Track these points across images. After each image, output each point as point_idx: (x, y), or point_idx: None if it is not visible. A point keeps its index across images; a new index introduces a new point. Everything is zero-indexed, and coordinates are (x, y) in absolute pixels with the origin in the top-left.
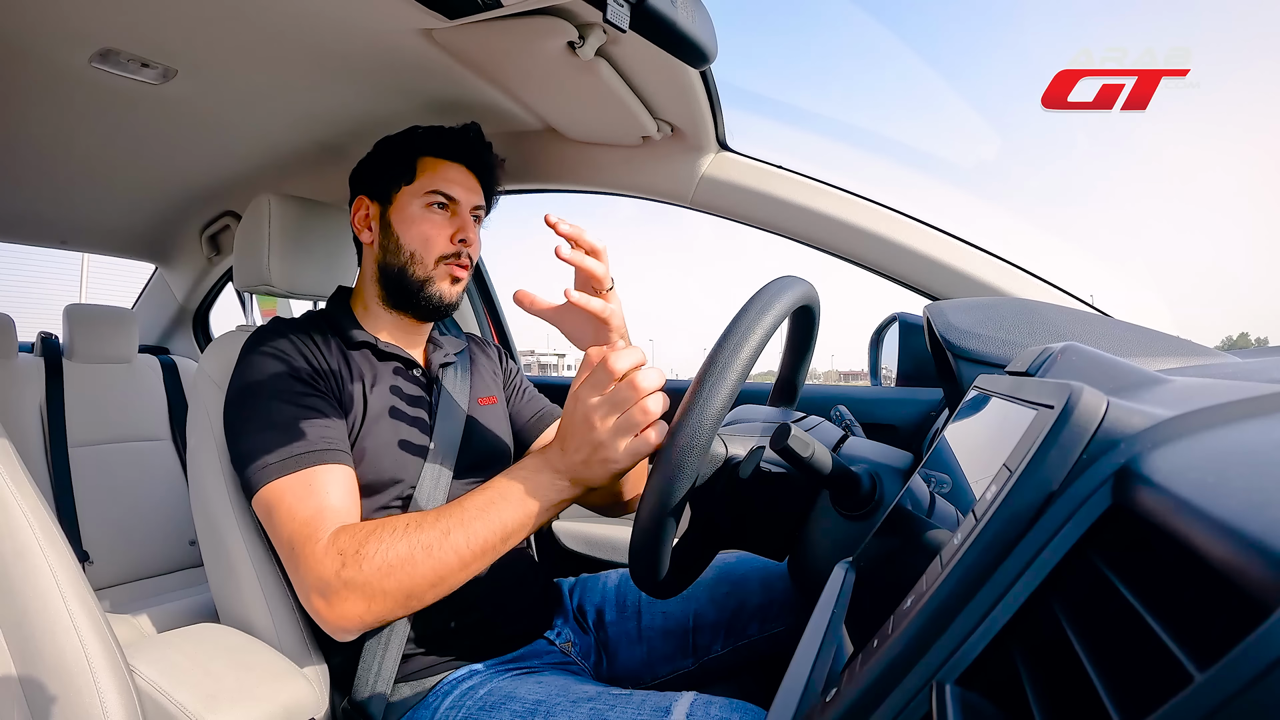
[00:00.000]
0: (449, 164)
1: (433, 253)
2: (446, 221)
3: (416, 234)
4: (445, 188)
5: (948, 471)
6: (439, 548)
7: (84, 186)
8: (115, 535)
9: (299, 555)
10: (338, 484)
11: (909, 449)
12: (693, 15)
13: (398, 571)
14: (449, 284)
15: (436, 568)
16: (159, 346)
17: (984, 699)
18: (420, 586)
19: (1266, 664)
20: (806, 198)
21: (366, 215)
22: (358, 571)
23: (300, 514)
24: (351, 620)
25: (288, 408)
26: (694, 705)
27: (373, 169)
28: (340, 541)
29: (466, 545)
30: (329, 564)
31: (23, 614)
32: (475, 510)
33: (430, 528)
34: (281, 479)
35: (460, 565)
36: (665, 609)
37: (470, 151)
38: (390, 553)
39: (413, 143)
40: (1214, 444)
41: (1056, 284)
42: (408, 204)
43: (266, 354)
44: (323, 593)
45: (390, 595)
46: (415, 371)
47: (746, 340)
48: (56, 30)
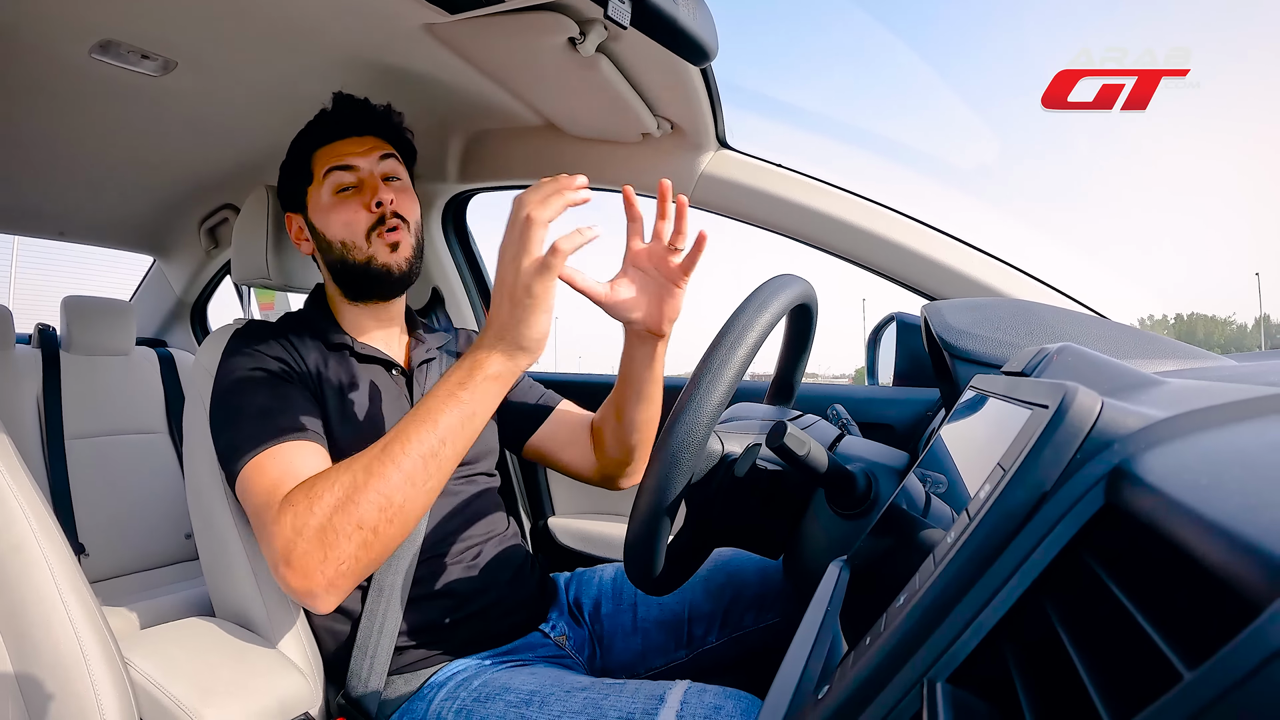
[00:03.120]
0: (339, 143)
1: (358, 232)
2: (357, 196)
3: (336, 222)
4: (340, 163)
5: (943, 471)
6: (378, 465)
7: (83, 178)
8: (111, 528)
9: (262, 523)
10: (305, 457)
11: (905, 448)
12: (694, 12)
13: (345, 504)
14: (388, 252)
15: (380, 487)
16: (157, 339)
17: (975, 697)
18: (368, 512)
19: (1255, 663)
20: (806, 196)
21: (300, 229)
22: (310, 517)
23: (264, 484)
24: (315, 577)
25: (262, 399)
26: (688, 693)
27: (284, 184)
28: (291, 497)
29: (404, 453)
30: (284, 521)
31: (18, 607)
32: (409, 419)
33: (368, 450)
34: (254, 457)
35: (404, 479)
36: (661, 601)
37: (349, 118)
38: (335, 487)
39: (302, 145)
40: (1208, 446)
41: (1053, 285)
42: (319, 200)
43: (244, 354)
44: (286, 556)
45: (341, 532)
46: (394, 371)
47: (743, 338)
48: (57, 21)
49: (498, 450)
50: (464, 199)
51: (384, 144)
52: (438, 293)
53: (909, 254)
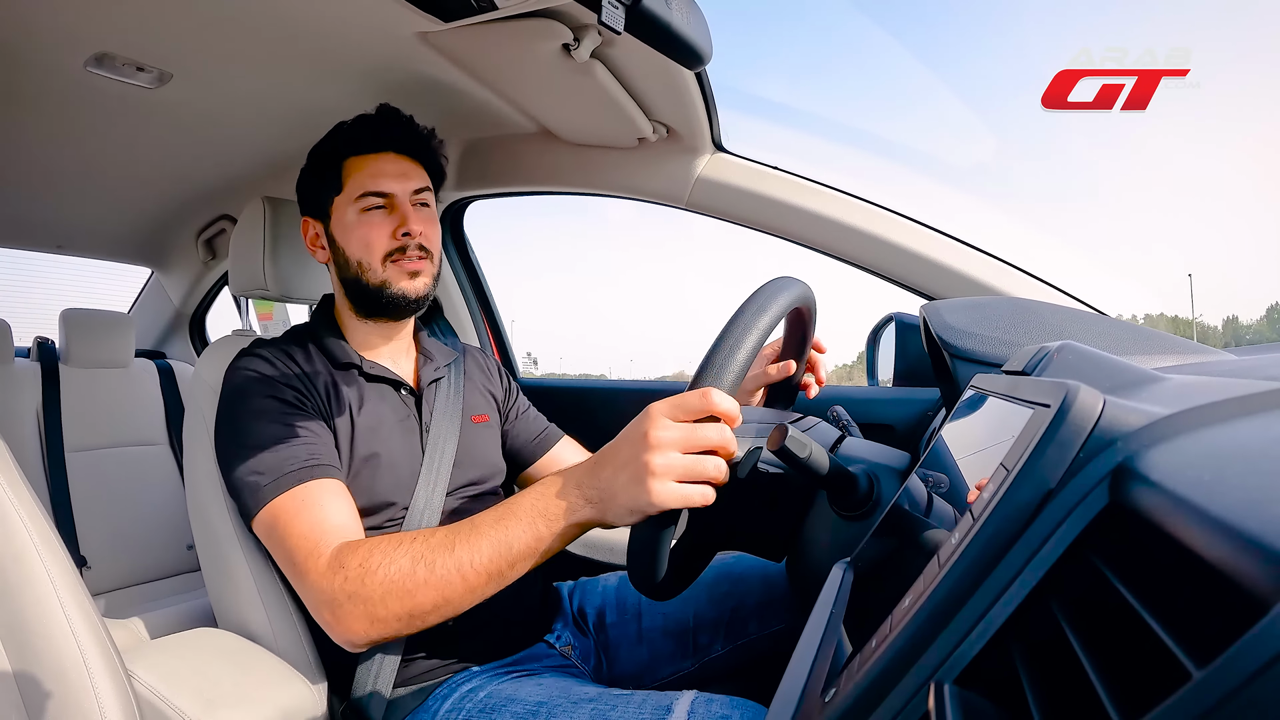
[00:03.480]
0: (374, 157)
1: (376, 255)
2: (385, 219)
3: (357, 241)
4: (374, 185)
5: (945, 471)
6: (442, 564)
7: (80, 191)
8: (113, 540)
9: (303, 572)
10: (333, 498)
11: (906, 449)
12: (687, 17)
13: (399, 588)
14: (407, 279)
15: (440, 587)
16: (156, 351)
17: (983, 698)
18: (423, 607)
19: (1264, 661)
20: (803, 198)
21: (316, 235)
22: (360, 586)
23: (298, 529)
24: (358, 635)
25: (273, 427)
26: (695, 703)
27: (307, 186)
28: (343, 556)
29: (470, 564)
30: (335, 579)
31: (20, 620)
32: (484, 526)
33: (435, 542)
34: (276, 499)
35: (465, 586)
36: (665, 610)
37: (393, 134)
38: (393, 567)
39: (336, 146)
40: (1211, 442)
41: (1053, 283)
42: (344, 214)
43: (251, 377)
44: (330, 608)
45: (393, 615)
46: (403, 391)
47: (744, 340)
48: (52, 35)
49: (504, 470)
50: (461, 206)
51: (420, 168)
52: (436, 302)
53: (906, 254)
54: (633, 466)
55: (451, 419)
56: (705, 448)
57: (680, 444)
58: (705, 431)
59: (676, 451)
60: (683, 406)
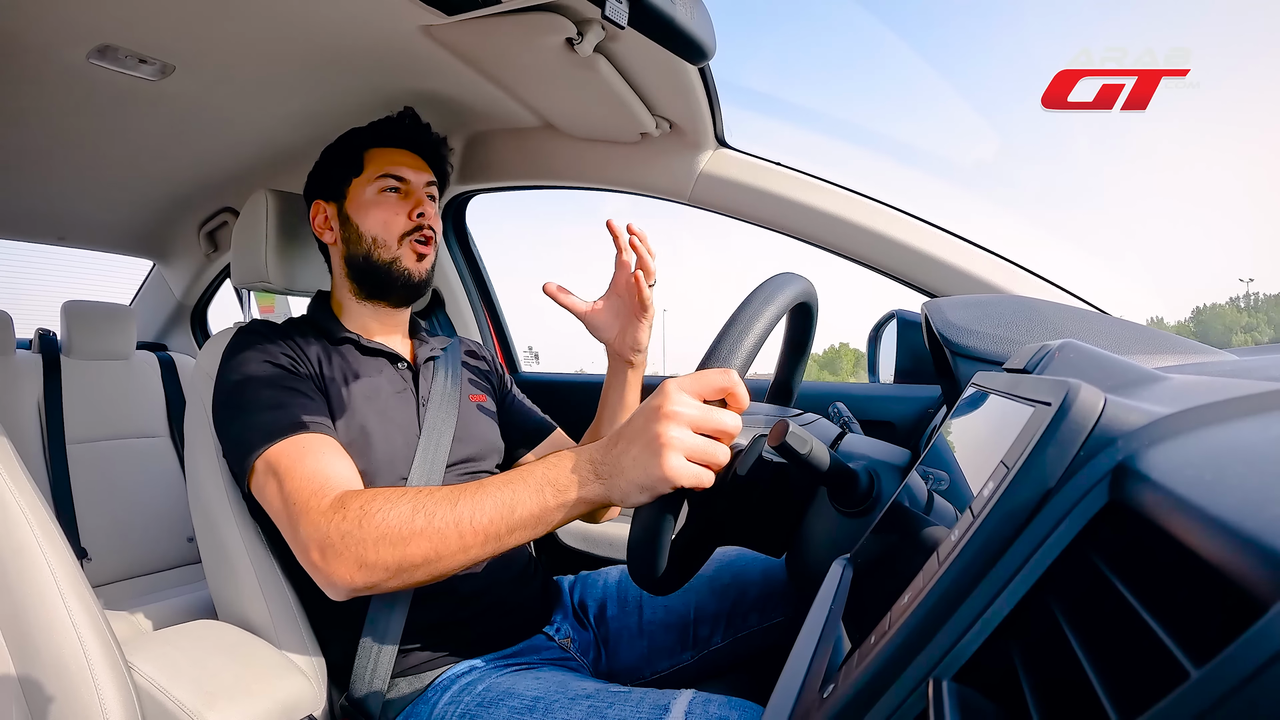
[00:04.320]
0: (394, 150)
1: (393, 233)
2: (401, 202)
3: (375, 219)
4: (394, 170)
5: (945, 468)
6: (442, 516)
7: (82, 183)
8: (113, 532)
9: (303, 510)
10: (335, 452)
11: (907, 446)
12: (691, 11)
13: (395, 534)
14: (415, 260)
15: (435, 539)
16: (157, 343)
17: (981, 695)
18: (413, 559)
19: (1262, 660)
20: (805, 194)
21: (326, 217)
22: (356, 527)
23: (303, 471)
24: (343, 579)
25: (270, 392)
26: (692, 703)
27: (322, 172)
28: (346, 499)
29: (470, 520)
30: (333, 518)
31: (21, 611)
32: (490, 487)
33: (440, 495)
34: (278, 444)
35: (460, 544)
36: (666, 603)
37: (411, 135)
38: (393, 512)
39: (356, 139)
40: (1211, 441)
41: (1055, 281)
42: (361, 193)
43: (248, 351)
44: (321, 548)
45: (382, 563)
46: (400, 365)
47: (747, 333)
48: (54, 26)
49: (502, 449)
50: (463, 200)
51: (429, 169)
52: (438, 295)
53: (908, 250)
54: (645, 437)
55: (450, 395)
56: (717, 430)
57: (695, 421)
58: (721, 415)
59: (690, 429)
60: (702, 382)
